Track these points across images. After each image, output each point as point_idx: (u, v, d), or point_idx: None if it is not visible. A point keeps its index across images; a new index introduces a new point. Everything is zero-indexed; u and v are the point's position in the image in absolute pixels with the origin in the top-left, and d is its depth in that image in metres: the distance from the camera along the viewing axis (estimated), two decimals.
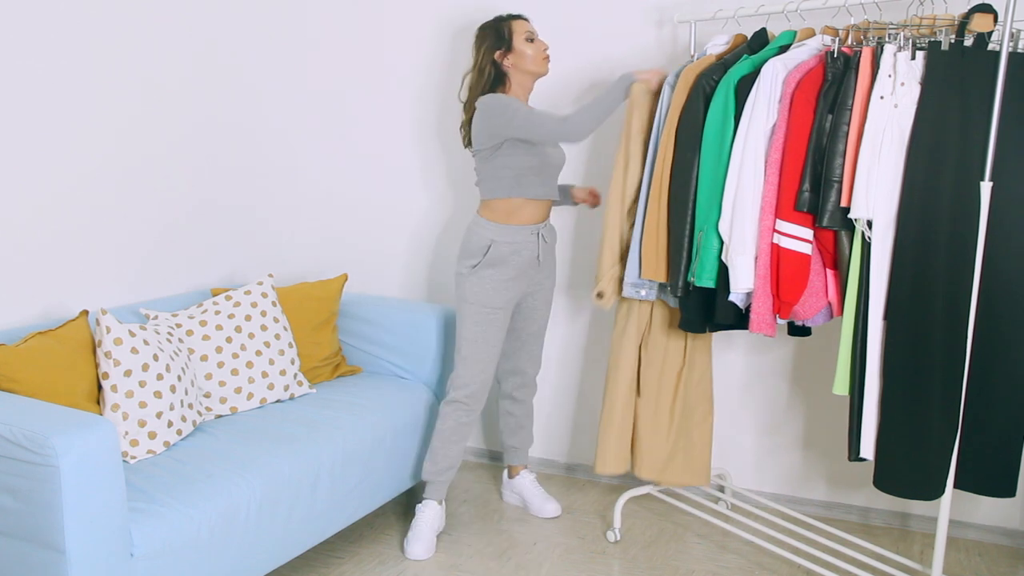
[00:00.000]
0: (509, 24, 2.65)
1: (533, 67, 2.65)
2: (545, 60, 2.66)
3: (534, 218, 2.67)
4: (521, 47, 2.63)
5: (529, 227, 2.66)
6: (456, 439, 2.72)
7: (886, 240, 2.15)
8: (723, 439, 3.09)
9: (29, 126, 2.45)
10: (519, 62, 2.63)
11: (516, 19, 2.68)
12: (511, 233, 2.64)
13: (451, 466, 2.75)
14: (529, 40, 2.64)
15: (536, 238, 2.68)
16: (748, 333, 2.87)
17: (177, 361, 2.39)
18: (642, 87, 2.55)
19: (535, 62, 2.64)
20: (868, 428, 2.21)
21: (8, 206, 2.41)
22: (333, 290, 3.00)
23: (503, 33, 2.63)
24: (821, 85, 2.26)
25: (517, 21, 2.67)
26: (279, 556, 2.29)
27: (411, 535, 2.69)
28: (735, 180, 2.35)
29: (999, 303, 2.12)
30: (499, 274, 2.64)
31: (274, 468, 2.26)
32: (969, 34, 2.10)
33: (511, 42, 2.63)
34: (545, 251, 2.73)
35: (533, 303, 2.81)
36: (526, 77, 2.67)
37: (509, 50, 2.63)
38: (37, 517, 1.77)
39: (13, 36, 2.39)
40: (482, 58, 2.64)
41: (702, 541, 2.80)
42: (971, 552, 2.74)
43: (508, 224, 2.64)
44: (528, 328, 2.85)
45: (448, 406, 2.72)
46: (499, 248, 2.62)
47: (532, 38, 2.65)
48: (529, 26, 2.67)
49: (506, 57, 2.63)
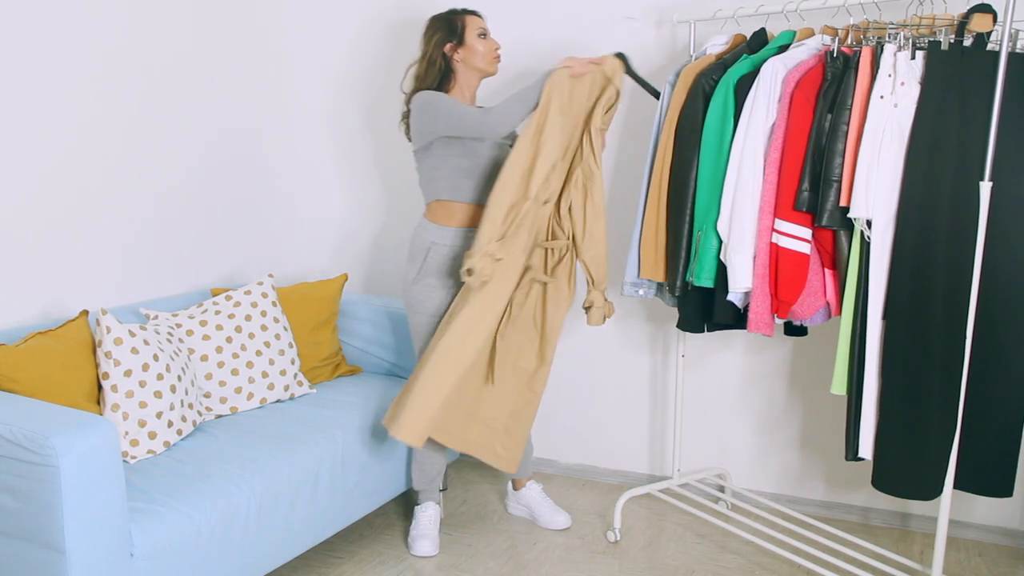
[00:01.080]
0: (463, 18, 2.59)
1: (482, 64, 2.59)
2: (495, 60, 2.61)
3: (475, 222, 2.52)
4: (473, 42, 2.57)
5: (470, 230, 2.54)
6: (438, 447, 2.69)
7: (885, 239, 2.15)
8: (723, 439, 3.10)
9: (29, 127, 2.46)
10: (468, 57, 2.57)
11: (470, 14, 2.62)
12: (451, 236, 2.56)
13: (439, 471, 2.76)
14: (481, 36, 2.58)
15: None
16: (746, 333, 2.88)
17: (177, 361, 2.39)
18: (563, 72, 2.42)
19: (484, 60, 2.58)
20: (867, 428, 2.21)
21: (8, 206, 2.42)
22: (333, 290, 3.01)
23: (455, 26, 2.57)
24: (821, 84, 2.27)
25: (471, 16, 2.61)
26: (279, 556, 2.29)
27: (415, 533, 2.70)
28: (734, 179, 2.35)
29: (998, 303, 2.12)
30: (442, 283, 2.56)
31: (274, 468, 2.26)
32: (968, 34, 2.10)
33: (463, 36, 2.57)
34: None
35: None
36: (473, 74, 2.61)
37: (460, 44, 2.57)
38: (37, 517, 1.77)
39: (13, 37, 2.39)
40: (432, 50, 2.58)
41: (702, 541, 2.81)
42: (971, 552, 2.74)
43: (447, 227, 2.57)
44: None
45: None
46: (439, 251, 2.55)
47: (484, 35, 2.59)
48: (483, 23, 2.61)
49: (456, 51, 2.57)
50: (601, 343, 3.23)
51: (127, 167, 2.77)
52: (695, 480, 3.04)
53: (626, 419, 3.25)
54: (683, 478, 3.00)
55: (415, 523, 2.73)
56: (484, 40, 2.58)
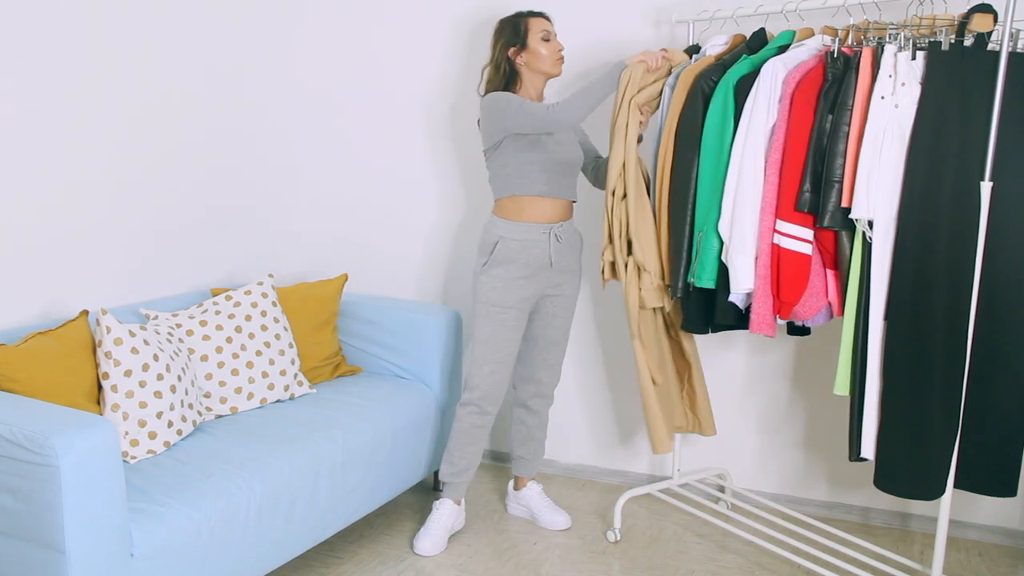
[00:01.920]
0: (527, 21, 2.62)
1: (546, 67, 2.62)
2: (558, 61, 2.63)
3: (545, 216, 2.63)
4: (536, 46, 2.60)
5: (540, 225, 2.62)
6: (471, 441, 2.71)
7: (887, 240, 2.15)
8: (724, 439, 3.10)
9: (30, 127, 2.45)
10: (532, 61, 2.61)
11: (535, 16, 2.64)
12: (520, 231, 2.61)
13: (468, 467, 2.73)
14: (545, 39, 2.60)
15: (548, 237, 2.63)
16: (748, 333, 2.87)
17: (177, 361, 2.39)
18: (640, 66, 2.46)
19: (548, 62, 2.61)
20: (869, 428, 2.21)
21: (8, 206, 2.41)
22: (333, 290, 3.00)
23: (519, 29, 2.60)
24: (821, 85, 2.26)
25: (535, 19, 2.63)
26: (279, 556, 2.29)
27: (422, 530, 2.70)
28: (735, 180, 2.35)
29: (999, 303, 2.12)
30: (508, 272, 2.61)
31: (274, 468, 2.26)
32: (969, 34, 2.10)
33: (526, 39, 2.60)
34: (559, 252, 2.66)
35: (552, 308, 2.74)
36: (538, 77, 2.65)
37: (523, 48, 2.60)
38: (37, 517, 1.77)
39: (15, 39, 2.39)
40: (498, 53, 2.63)
41: (702, 541, 2.80)
42: (971, 552, 2.74)
43: (517, 221, 2.62)
44: (545, 334, 2.77)
45: (462, 408, 2.71)
46: (507, 245, 2.60)
47: (548, 37, 2.61)
48: (547, 24, 2.63)
49: (519, 55, 2.61)
50: (602, 343, 3.23)
51: (127, 167, 2.76)
52: (695, 480, 3.04)
53: (626, 419, 3.25)
54: (683, 478, 3.00)
55: (427, 519, 2.73)
56: (547, 43, 2.60)
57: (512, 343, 2.65)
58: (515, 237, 2.61)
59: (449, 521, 2.73)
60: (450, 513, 2.74)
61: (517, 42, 2.60)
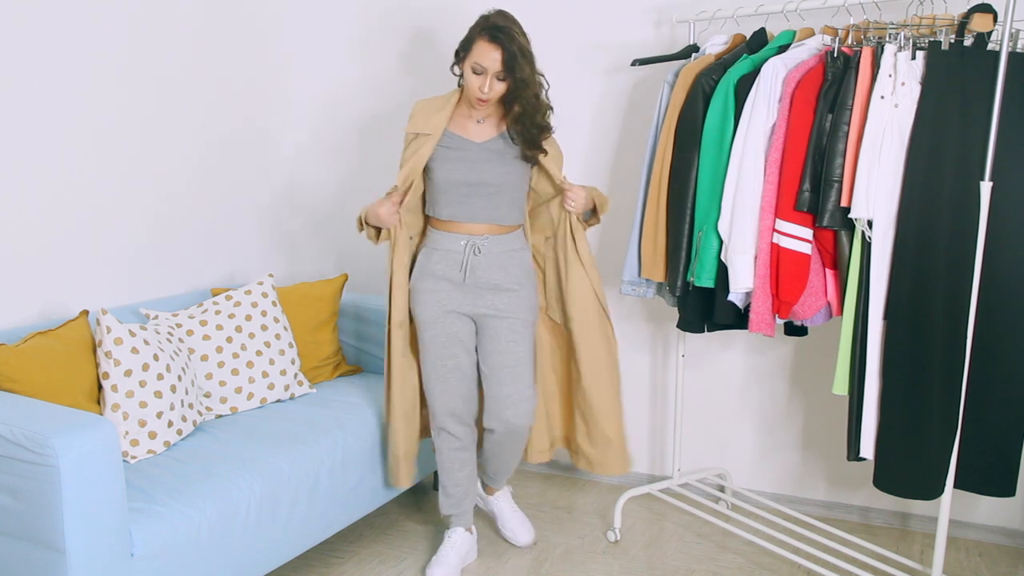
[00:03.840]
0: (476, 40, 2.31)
1: (468, 95, 2.37)
2: (476, 101, 2.33)
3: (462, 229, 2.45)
4: (467, 71, 2.34)
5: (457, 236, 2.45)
6: (457, 467, 2.56)
7: (886, 240, 2.15)
8: (723, 439, 3.10)
9: (29, 126, 2.45)
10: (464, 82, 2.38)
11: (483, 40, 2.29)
12: (435, 238, 2.49)
13: (465, 495, 2.59)
14: (475, 71, 2.31)
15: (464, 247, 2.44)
16: (747, 333, 2.88)
17: (177, 361, 2.39)
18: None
19: (469, 93, 2.35)
20: (868, 428, 2.21)
21: (8, 206, 2.41)
22: (333, 290, 3.00)
23: (467, 42, 2.35)
24: (821, 85, 2.26)
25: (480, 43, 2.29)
26: (279, 556, 2.29)
27: (435, 558, 2.56)
28: (735, 180, 2.35)
29: (999, 303, 2.12)
30: (423, 284, 2.48)
31: (274, 468, 2.26)
32: (969, 34, 2.10)
33: (464, 58, 2.35)
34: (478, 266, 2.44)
35: (490, 331, 2.48)
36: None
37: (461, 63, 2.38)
38: (37, 517, 1.77)
39: (13, 37, 2.39)
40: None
41: (702, 541, 2.81)
42: (971, 552, 2.74)
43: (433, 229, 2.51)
44: (488, 360, 2.48)
45: (435, 437, 2.57)
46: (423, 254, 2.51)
47: (479, 71, 2.30)
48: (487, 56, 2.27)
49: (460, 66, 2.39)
50: None
51: (127, 167, 2.76)
52: (695, 480, 3.04)
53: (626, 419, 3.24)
54: (683, 478, 3.00)
55: (439, 548, 2.59)
56: (476, 76, 2.32)
57: (449, 357, 2.47)
58: (431, 246, 2.50)
59: (463, 550, 2.59)
60: (463, 542, 2.60)
61: (462, 52, 2.36)
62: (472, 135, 2.45)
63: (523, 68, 2.30)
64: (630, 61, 2.79)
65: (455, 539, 2.59)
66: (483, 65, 2.29)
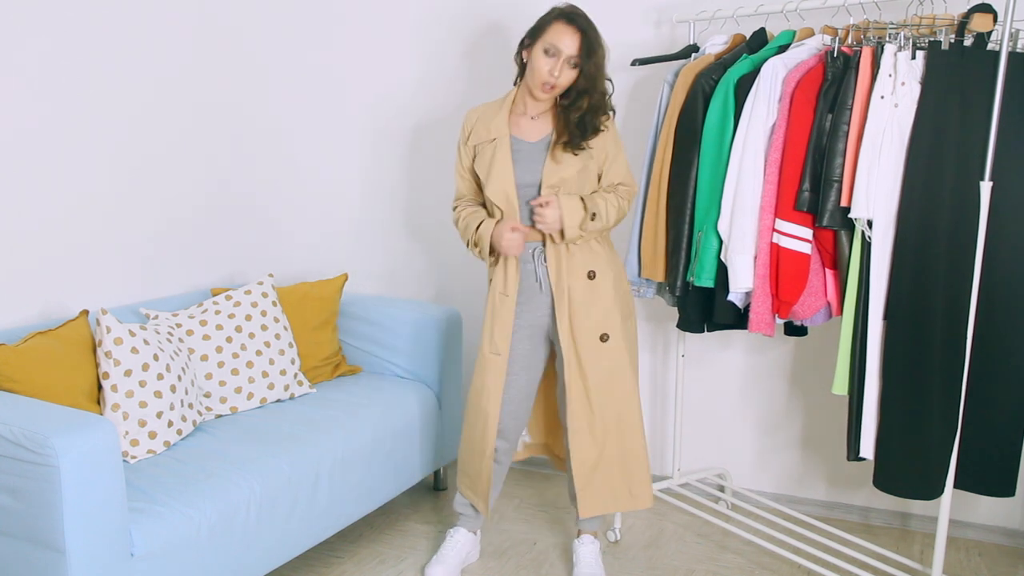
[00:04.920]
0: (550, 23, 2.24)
1: (532, 83, 2.28)
2: (542, 86, 2.24)
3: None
4: (536, 55, 2.25)
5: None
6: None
7: (886, 240, 2.15)
8: (723, 439, 3.10)
9: (29, 127, 2.45)
10: (529, 68, 2.29)
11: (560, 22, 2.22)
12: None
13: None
14: (548, 53, 2.22)
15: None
16: (747, 332, 2.88)
17: (177, 361, 2.39)
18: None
19: (534, 79, 2.26)
20: (868, 428, 2.21)
21: (8, 206, 2.41)
22: (333, 290, 3.00)
23: (538, 27, 2.27)
24: (821, 84, 2.27)
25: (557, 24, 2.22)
26: (279, 556, 2.29)
27: (435, 557, 2.56)
28: (734, 179, 2.35)
29: (999, 303, 2.12)
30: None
31: (274, 468, 2.26)
32: (969, 34, 2.10)
33: (535, 41, 2.27)
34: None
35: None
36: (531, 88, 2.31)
37: (531, 48, 2.29)
38: (37, 517, 1.77)
39: (13, 36, 2.39)
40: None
41: (702, 541, 2.80)
42: (971, 552, 2.74)
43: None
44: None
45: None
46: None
47: (554, 52, 2.22)
48: (563, 38, 2.20)
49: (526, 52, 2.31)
50: None
51: (127, 167, 2.76)
52: (695, 480, 3.04)
53: None
54: (683, 478, 3.00)
55: (440, 546, 2.59)
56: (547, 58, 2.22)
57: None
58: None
59: (464, 550, 2.57)
60: (464, 542, 2.57)
61: (529, 39, 2.29)
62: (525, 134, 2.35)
63: (598, 58, 2.25)
64: (630, 61, 2.79)
65: (457, 538, 2.59)
66: (558, 47, 2.21)
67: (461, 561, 2.57)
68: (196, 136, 3.03)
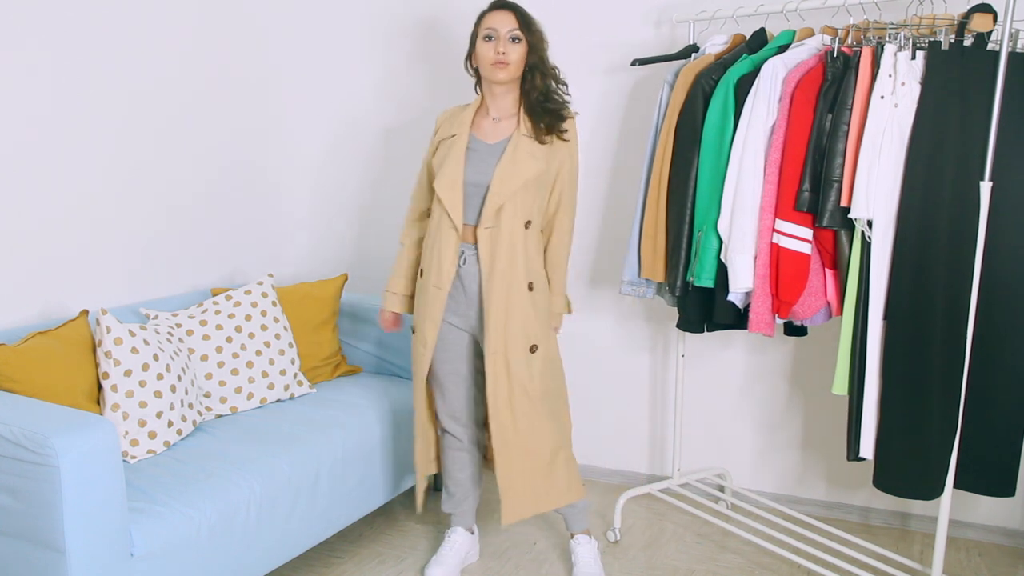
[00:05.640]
0: (482, 17, 2.31)
1: (484, 71, 2.31)
2: (494, 66, 2.25)
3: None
4: (478, 46, 2.29)
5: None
6: (455, 469, 2.54)
7: (886, 240, 2.15)
8: (723, 439, 3.10)
9: (28, 127, 2.45)
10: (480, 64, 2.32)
11: (490, 11, 2.30)
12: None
13: (465, 496, 2.57)
14: (486, 37, 2.27)
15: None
16: (746, 332, 2.88)
17: (177, 361, 2.39)
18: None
19: (484, 65, 2.29)
20: (868, 428, 2.21)
21: (8, 206, 2.41)
22: (333, 290, 3.00)
23: (474, 28, 2.33)
24: (821, 84, 2.27)
25: (488, 13, 2.30)
26: (279, 556, 2.29)
27: (434, 558, 2.55)
28: (734, 179, 2.35)
29: (999, 303, 2.12)
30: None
31: (274, 468, 2.26)
32: (969, 34, 2.10)
33: (474, 40, 2.31)
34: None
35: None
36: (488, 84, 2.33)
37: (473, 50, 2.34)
38: (37, 517, 1.77)
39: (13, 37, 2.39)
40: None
41: (702, 541, 2.81)
42: (971, 552, 2.74)
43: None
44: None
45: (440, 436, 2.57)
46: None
47: (491, 35, 2.26)
48: (498, 19, 2.26)
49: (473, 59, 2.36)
50: (601, 343, 3.23)
51: (127, 168, 2.76)
52: (695, 480, 3.04)
53: (626, 419, 3.25)
54: (683, 478, 3.00)
55: (439, 547, 2.60)
56: (487, 42, 2.27)
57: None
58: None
59: (463, 550, 2.57)
60: (463, 542, 2.58)
61: (470, 43, 2.33)
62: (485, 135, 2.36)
63: (538, 29, 2.30)
64: (630, 61, 2.79)
65: (455, 539, 2.59)
66: (495, 27, 2.26)
67: (460, 561, 2.57)
68: (196, 136, 3.03)
